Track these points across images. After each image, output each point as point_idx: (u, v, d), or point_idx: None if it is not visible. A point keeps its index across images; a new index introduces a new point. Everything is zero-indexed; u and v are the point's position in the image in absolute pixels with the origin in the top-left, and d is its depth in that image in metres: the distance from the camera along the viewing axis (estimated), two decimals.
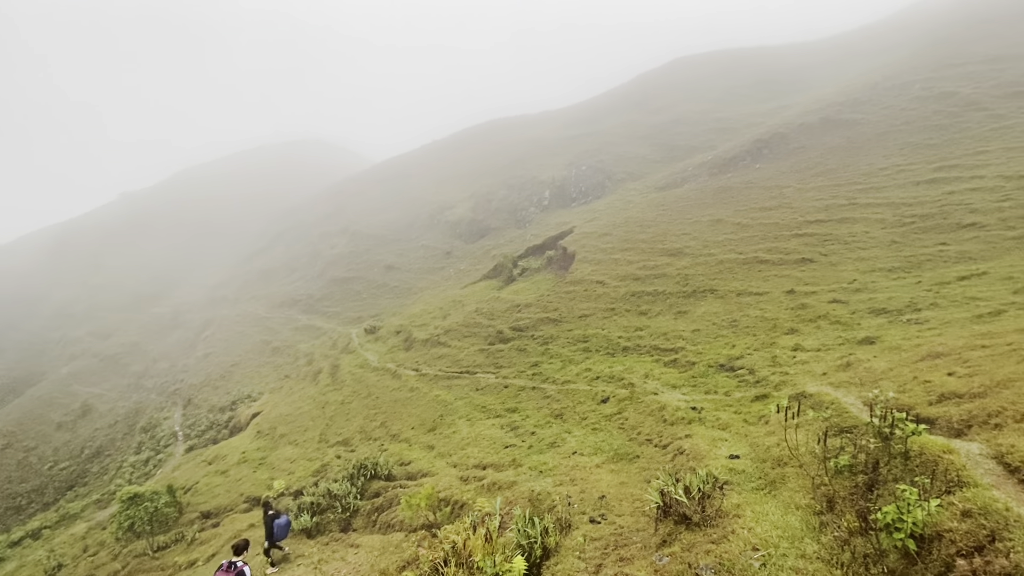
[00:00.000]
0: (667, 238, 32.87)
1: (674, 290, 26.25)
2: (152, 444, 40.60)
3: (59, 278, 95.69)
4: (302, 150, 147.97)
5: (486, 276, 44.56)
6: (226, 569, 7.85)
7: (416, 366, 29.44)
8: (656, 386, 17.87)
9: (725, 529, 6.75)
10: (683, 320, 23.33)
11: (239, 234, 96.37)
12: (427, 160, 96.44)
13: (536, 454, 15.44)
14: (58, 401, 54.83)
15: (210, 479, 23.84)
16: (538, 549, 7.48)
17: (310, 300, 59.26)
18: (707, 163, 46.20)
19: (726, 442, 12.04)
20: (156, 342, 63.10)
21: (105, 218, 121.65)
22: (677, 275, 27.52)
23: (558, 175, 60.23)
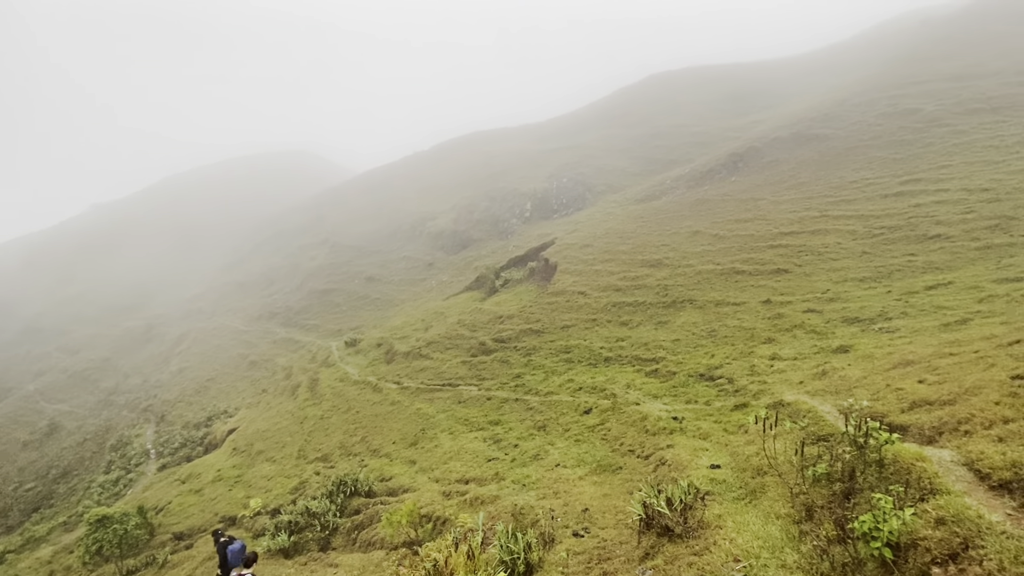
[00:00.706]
0: (647, 249, 33.28)
1: (654, 300, 26.51)
2: (122, 463, 39.13)
3: (28, 291, 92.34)
4: (285, 160, 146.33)
5: (468, 287, 44.42)
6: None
7: (398, 379, 29.07)
8: (638, 396, 17.94)
9: (707, 540, 6.75)
10: (663, 330, 23.55)
11: (217, 245, 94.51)
12: (410, 171, 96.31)
13: (519, 467, 15.31)
14: (24, 419, 52.55)
15: (183, 499, 23.03)
16: (521, 565, 7.37)
17: (289, 313, 58.25)
18: (685, 176, 47.11)
19: (707, 452, 12.11)
20: (128, 357, 61.19)
21: (77, 229, 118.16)
22: (657, 286, 27.83)
23: (539, 187, 60.66)
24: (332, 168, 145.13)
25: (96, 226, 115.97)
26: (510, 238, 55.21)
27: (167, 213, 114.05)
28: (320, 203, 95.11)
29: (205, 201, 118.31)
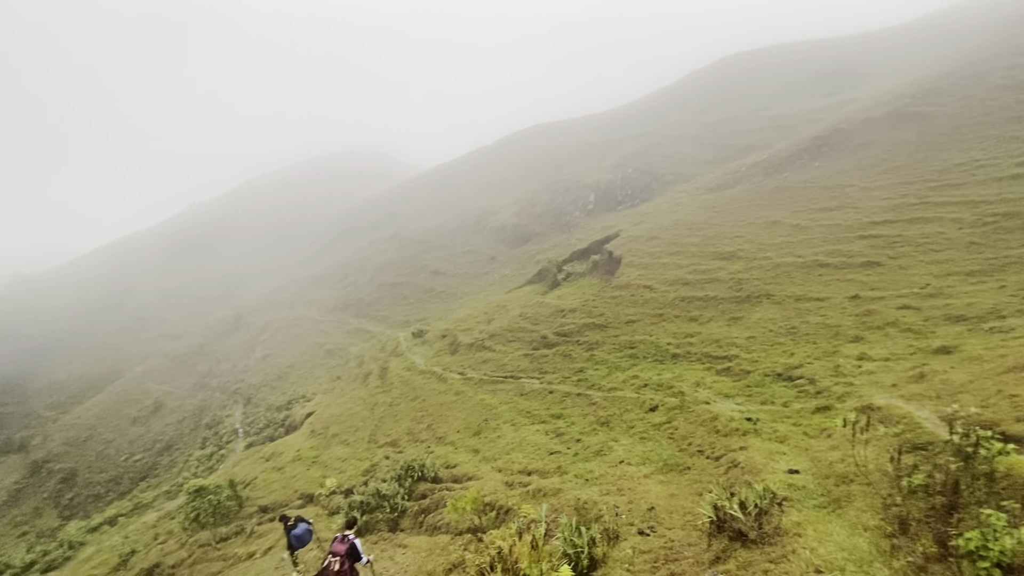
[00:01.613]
0: (719, 241, 31.78)
1: (727, 295, 25.31)
2: (215, 440, 43.11)
3: (135, 284, 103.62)
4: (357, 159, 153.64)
5: (530, 281, 44.58)
6: (340, 540, 8.38)
7: (461, 370, 29.80)
8: (708, 395, 17.27)
9: (785, 548, 6.41)
10: (737, 327, 22.44)
11: (297, 241, 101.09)
12: (473, 166, 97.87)
13: (582, 462, 15.25)
14: (133, 398, 59.29)
15: (267, 475, 25.02)
16: (585, 559, 7.36)
17: (361, 304, 61.29)
18: (762, 162, 44.39)
19: (784, 456, 11.47)
20: (219, 344, 67.05)
21: (177, 227, 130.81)
22: (730, 280, 26.53)
23: (603, 178, 59.56)
24: (400, 165, 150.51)
25: (192, 225, 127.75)
26: (572, 231, 54.71)
27: (253, 212, 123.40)
28: (389, 200, 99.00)
29: (286, 200, 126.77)
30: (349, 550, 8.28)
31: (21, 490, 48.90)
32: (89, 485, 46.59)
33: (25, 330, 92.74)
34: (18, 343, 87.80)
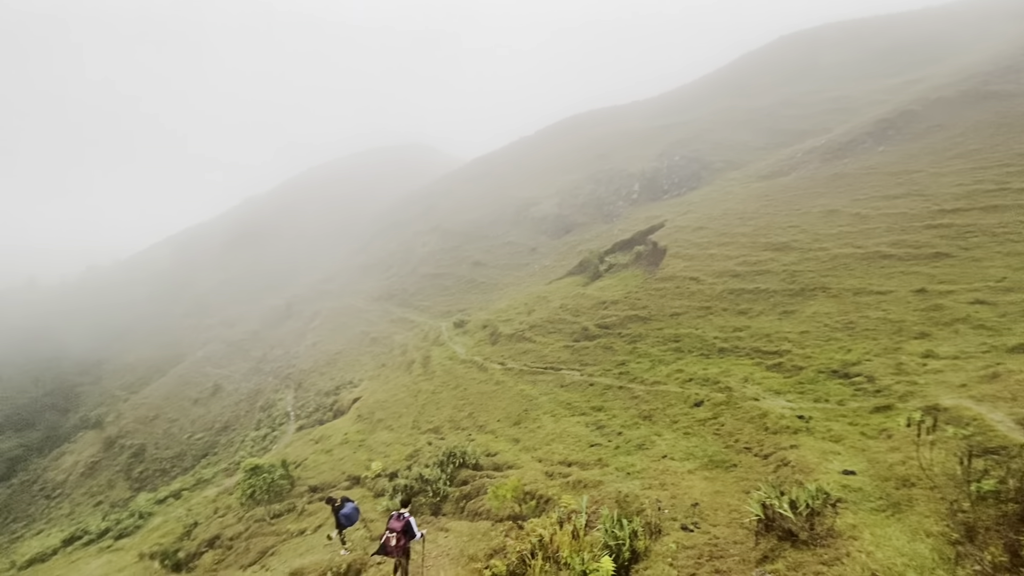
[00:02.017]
0: (771, 231, 30.48)
1: (779, 288, 24.29)
2: (269, 422, 45.46)
3: (195, 274, 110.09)
4: (399, 153, 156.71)
5: (571, 272, 44.27)
6: (396, 518, 8.87)
7: (502, 360, 30.06)
8: (757, 391, 16.71)
9: (838, 551, 6.17)
10: (789, 321, 21.54)
11: (344, 233, 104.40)
12: (514, 157, 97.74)
13: (623, 455, 15.13)
14: (194, 381, 63.28)
15: (317, 457, 26.20)
16: (626, 551, 7.34)
17: (404, 294, 62.77)
18: (819, 148, 42.11)
19: (839, 456, 10.99)
20: (272, 331, 70.38)
21: (233, 220, 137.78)
22: (783, 271, 25.43)
23: (648, 167, 58.16)
24: (442, 159, 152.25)
25: (247, 218, 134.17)
26: (615, 221, 53.82)
27: (302, 206, 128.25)
28: (431, 192, 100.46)
29: (333, 194, 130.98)
30: (405, 527, 8.81)
31: (97, 463, 53.34)
32: (156, 460, 50.23)
33: (99, 316, 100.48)
34: (93, 328, 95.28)
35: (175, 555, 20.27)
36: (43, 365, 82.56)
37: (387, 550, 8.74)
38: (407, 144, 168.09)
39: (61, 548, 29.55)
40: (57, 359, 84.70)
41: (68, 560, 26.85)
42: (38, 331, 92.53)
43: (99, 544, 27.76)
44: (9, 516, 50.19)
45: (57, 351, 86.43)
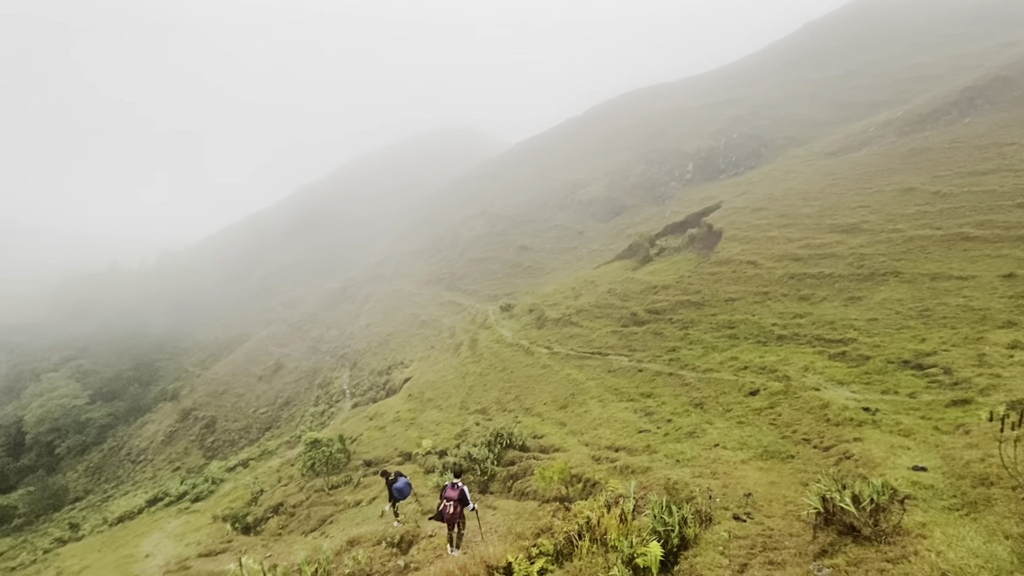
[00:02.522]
0: (838, 212, 28.65)
1: (845, 272, 22.89)
2: (326, 399, 47.91)
3: (259, 258, 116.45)
4: (445, 139, 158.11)
5: (620, 256, 43.50)
6: (451, 487, 9.42)
7: (548, 344, 30.13)
8: (818, 381, 15.95)
9: (905, 549, 5.86)
10: (856, 307, 20.31)
11: (392, 218, 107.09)
12: (561, 139, 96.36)
13: (672, 442, 14.90)
14: (258, 359, 67.43)
15: (371, 433, 27.41)
16: (675, 538, 7.27)
17: (452, 278, 63.86)
18: (895, 121, 38.93)
19: (908, 451, 10.36)
20: (329, 312, 73.68)
21: (291, 207, 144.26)
22: (850, 255, 23.92)
23: (704, 145, 55.83)
24: (490, 142, 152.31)
25: (304, 205, 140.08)
26: (667, 203, 52.23)
27: (354, 192, 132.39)
28: (478, 177, 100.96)
29: (384, 180, 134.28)
30: (460, 496, 9.29)
31: (174, 432, 58.21)
32: (226, 432, 54.21)
33: (173, 298, 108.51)
34: (169, 309, 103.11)
35: (244, 519, 21.92)
36: (126, 343, 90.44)
37: (444, 517, 9.28)
38: (453, 129, 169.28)
39: (146, 508, 32.61)
40: (138, 337, 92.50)
41: (152, 519, 29.61)
42: (121, 312, 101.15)
43: (178, 505, 30.42)
44: (101, 477, 55.85)
45: (138, 329, 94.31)
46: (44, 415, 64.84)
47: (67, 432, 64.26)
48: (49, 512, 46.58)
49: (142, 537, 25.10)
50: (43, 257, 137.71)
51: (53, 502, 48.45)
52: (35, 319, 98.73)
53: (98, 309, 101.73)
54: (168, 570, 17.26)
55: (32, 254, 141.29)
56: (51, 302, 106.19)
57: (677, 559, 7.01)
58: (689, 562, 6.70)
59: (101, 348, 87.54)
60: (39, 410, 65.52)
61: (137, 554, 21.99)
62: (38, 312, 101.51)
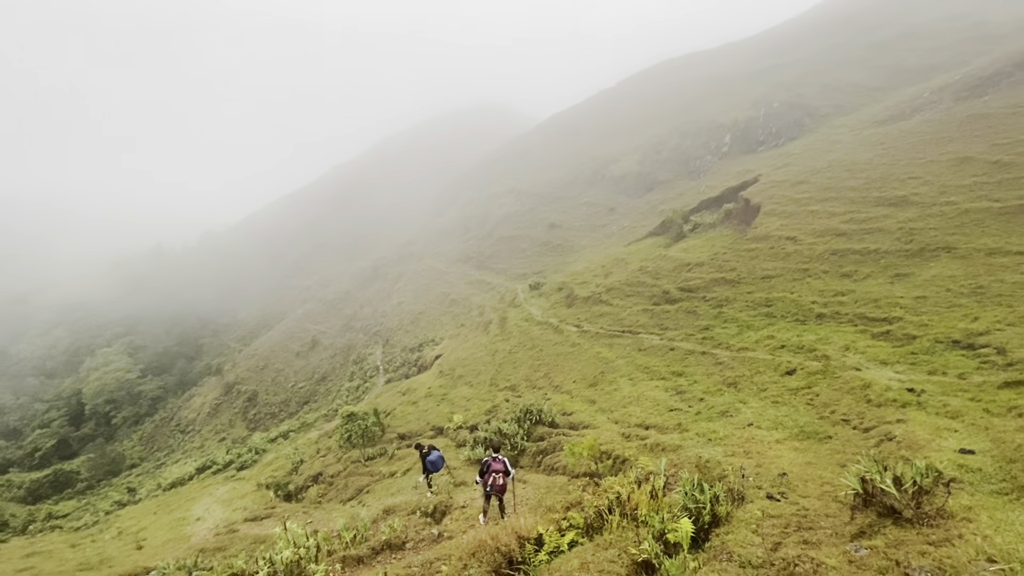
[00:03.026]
0: (886, 184, 27.22)
1: (892, 248, 21.86)
2: (361, 374, 49.37)
3: (294, 237, 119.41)
4: (477, 117, 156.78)
5: (652, 233, 42.66)
6: (495, 460, 9.81)
7: (578, 323, 30.06)
8: (859, 361, 15.44)
9: (949, 532, 5.69)
10: (903, 284, 19.43)
11: (423, 197, 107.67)
12: (592, 113, 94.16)
13: (705, 421, 14.78)
14: (295, 335, 69.78)
15: (404, 408, 28.18)
16: (707, 515, 7.26)
17: (481, 257, 64.08)
18: (952, 85, 36.40)
19: (955, 433, 9.99)
20: (362, 291, 75.31)
21: (323, 188, 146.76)
22: (898, 229, 22.78)
23: (742, 116, 53.64)
24: (521, 118, 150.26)
25: (335, 185, 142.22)
26: (702, 177, 50.69)
27: (384, 171, 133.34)
28: (506, 154, 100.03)
29: (413, 159, 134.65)
30: (504, 467, 9.74)
31: (219, 405, 61.27)
32: (266, 405, 56.72)
33: (214, 278, 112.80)
34: (211, 288, 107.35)
35: (286, 487, 23.05)
36: (172, 320, 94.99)
37: (496, 489, 9.65)
38: (482, 107, 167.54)
39: (195, 475, 34.66)
40: (183, 315, 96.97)
41: (201, 484, 31.47)
42: (167, 291, 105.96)
43: (224, 473, 32.20)
44: (154, 446, 59.55)
45: (183, 308, 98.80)
46: (101, 388, 69.18)
47: (122, 404, 68.53)
48: (108, 477, 50.14)
49: (193, 502, 26.75)
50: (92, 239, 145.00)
51: (111, 468, 52.09)
52: (88, 298, 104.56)
53: (145, 289, 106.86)
54: (218, 532, 18.39)
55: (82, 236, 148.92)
56: (101, 283, 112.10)
57: (708, 536, 7.02)
58: (721, 539, 6.70)
59: (150, 325, 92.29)
60: (96, 383, 69.92)
61: (189, 517, 23.49)
62: (91, 291, 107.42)
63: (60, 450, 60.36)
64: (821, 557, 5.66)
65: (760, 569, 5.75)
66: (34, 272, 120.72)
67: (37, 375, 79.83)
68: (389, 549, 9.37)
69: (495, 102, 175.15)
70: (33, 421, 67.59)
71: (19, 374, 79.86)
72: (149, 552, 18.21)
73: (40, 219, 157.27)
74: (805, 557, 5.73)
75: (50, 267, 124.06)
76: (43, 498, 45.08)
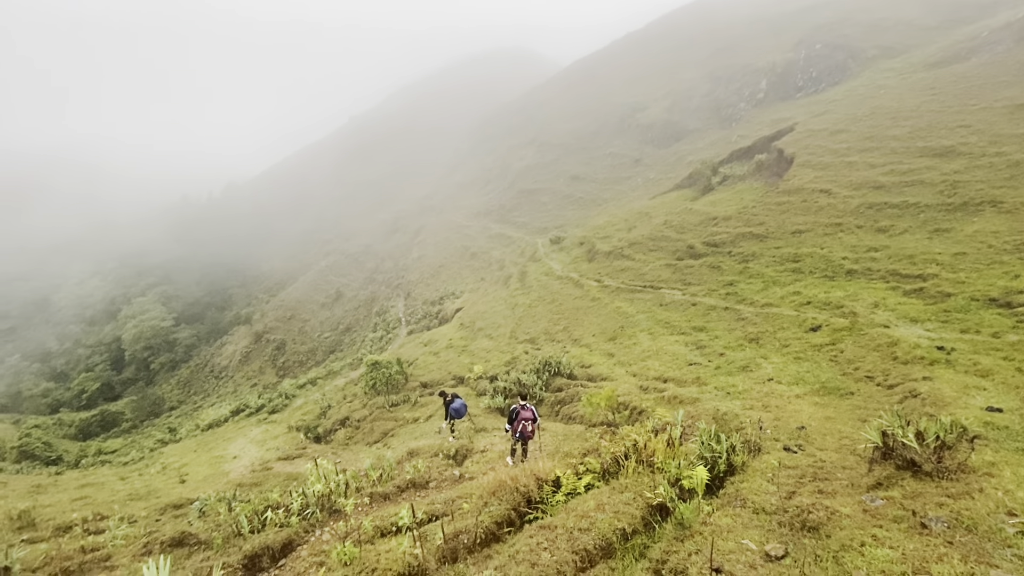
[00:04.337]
0: (933, 133, 25.66)
1: (933, 201, 20.86)
2: (384, 326, 50.58)
3: (314, 190, 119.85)
4: (497, 62, 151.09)
5: (678, 185, 41.48)
6: (524, 408, 10.25)
7: (598, 277, 29.92)
8: (888, 318, 15.11)
9: (969, 485, 5.70)
10: (941, 240, 18.67)
11: (443, 148, 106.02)
12: (618, 57, 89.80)
13: (724, 375, 14.83)
14: (320, 287, 71.35)
15: (426, 358, 28.94)
16: (722, 464, 7.41)
17: (501, 210, 63.52)
18: (1015, 23, 33.40)
19: (984, 392, 9.83)
20: (382, 244, 75.92)
21: (341, 139, 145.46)
22: (941, 182, 21.65)
23: (780, 59, 50.55)
24: (542, 63, 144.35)
25: (354, 136, 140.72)
26: (734, 126, 48.53)
27: (403, 122, 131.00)
28: (528, 102, 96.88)
29: (431, 108, 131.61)
30: (533, 414, 10.23)
31: (250, 352, 63.84)
32: (295, 353, 58.89)
33: (239, 230, 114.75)
34: (236, 240, 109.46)
35: (315, 430, 24.25)
36: (202, 271, 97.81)
37: (526, 436, 10.15)
38: (503, 52, 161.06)
39: (230, 417, 36.64)
40: (212, 266, 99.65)
41: (236, 426, 33.31)
42: (195, 243, 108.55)
43: (257, 416, 33.95)
44: (191, 390, 62.84)
45: (211, 259, 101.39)
46: (138, 335, 72.59)
47: (159, 350, 72.00)
48: (150, 418, 53.43)
49: (229, 442, 28.42)
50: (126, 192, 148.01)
51: (152, 409, 55.43)
52: (122, 249, 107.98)
53: (175, 240, 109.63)
54: (253, 469, 19.61)
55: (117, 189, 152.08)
56: (133, 235, 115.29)
57: (723, 484, 7.19)
58: (735, 487, 6.85)
59: (180, 275, 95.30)
60: (134, 330, 73.33)
61: (226, 455, 25.03)
62: (124, 243, 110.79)
63: (104, 392, 64.31)
64: (835, 506, 5.76)
65: (773, 515, 5.89)
66: (68, 223, 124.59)
67: (78, 322, 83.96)
68: (413, 487, 9.88)
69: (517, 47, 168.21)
70: (78, 365, 71.76)
71: (62, 321, 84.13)
72: (191, 485, 19.60)
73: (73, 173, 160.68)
74: (819, 505, 5.83)
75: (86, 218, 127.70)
76: (92, 436, 48.45)
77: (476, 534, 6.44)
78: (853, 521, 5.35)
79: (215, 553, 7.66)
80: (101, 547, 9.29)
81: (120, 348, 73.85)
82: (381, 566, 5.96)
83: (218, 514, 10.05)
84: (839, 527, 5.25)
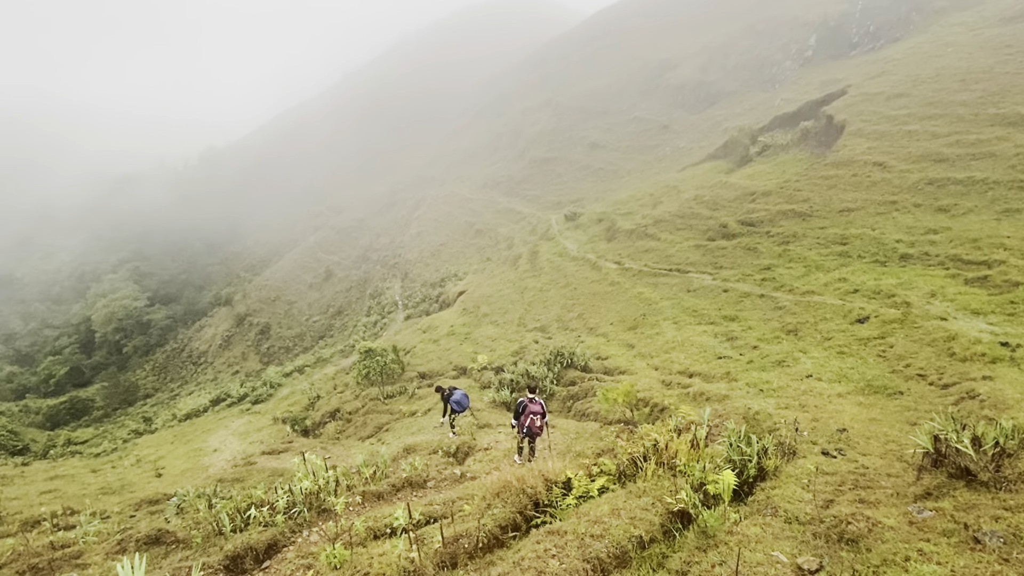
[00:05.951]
0: (1007, 98, 25.01)
1: (1004, 177, 20.44)
2: (378, 309, 50.98)
3: (302, 157, 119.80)
4: (507, 10, 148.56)
5: (712, 156, 40.93)
6: (532, 402, 10.33)
7: (618, 259, 29.81)
8: (946, 309, 14.95)
9: None
10: (1011, 222, 18.34)
11: (445, 109, 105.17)
12: (647, 7, 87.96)
13: (757, 370, 14.81)
14: (308, 265, 71.84)
15: (424, 346, 29.18)
16: (752, 468, 7.44)
17: (511, 182, 63.20)
18: None
19: None
20: (378, 219, 76.05)
21: (332, 101, 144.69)
22: (1014, 155, 21.18)
23: (833, 11, 49.29)
24: (560, 12, 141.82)
25: (348, 96, 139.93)
26: (778, 88, 47.65)
27: (403, 80, 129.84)
28: (544, 58, 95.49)
29: (434, 63, 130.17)
30: (542, 408, 10.30)
31: (231, 337, 64.73)
32: (280, 339, 59.63)
33: (218, 200, 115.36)
34: (215, 211, 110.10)
35: (303, 422, 24.68)
36: (178, 245, 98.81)
37: (533, 432, 10.22)
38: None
39: (210, 407, 37.36)
40: (189, 240, 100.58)
41: (216, 417, 33.97)
42: (169, 212, 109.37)
43: (239, 406, 34.58)
44: (167, 376, 64.01)
45: (188, 233, 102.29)
46: (109, 315, 73.79)
47: (132, 332, 73.23)
48: (123, 406, 54.60)
49: (209, 433, 29.03)
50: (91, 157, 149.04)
51: (126, 397, 56.60)
52: (89, 220, 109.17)
53: (148, 211, 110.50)
54: (235, 464, 20.03)
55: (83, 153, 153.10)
56: (102, 204, 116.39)
57: (752, 490, 7.22)
58: (766, 493, 6.89)
59: (154, 250, 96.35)
60: (104, 310, 74.55)
61: (206, 448, 25.59)
62: (92, 213, 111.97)
63: (73, 377, 65.69)
64: (878, 517, 5.77)
65: (808, 525, 5.92)
66: (31, 193, 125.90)
67: (44, 300, 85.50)
68: (410, 487, 10.04)
69: None
70: (44, 348, 73.24)
71: (27, 299, 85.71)
72: (168, 480, 20.09)
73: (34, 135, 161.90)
74: (860, 516, 5.85)
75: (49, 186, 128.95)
76: (61, 424, 49.68)
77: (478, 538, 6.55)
78: (897, 534, 5.37)
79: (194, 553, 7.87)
80: (72, 543, 9.59)
81: (90, 329, 75.19)
82: (374, 570, 6.09)
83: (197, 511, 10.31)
84: (881, 540, 5.27)
